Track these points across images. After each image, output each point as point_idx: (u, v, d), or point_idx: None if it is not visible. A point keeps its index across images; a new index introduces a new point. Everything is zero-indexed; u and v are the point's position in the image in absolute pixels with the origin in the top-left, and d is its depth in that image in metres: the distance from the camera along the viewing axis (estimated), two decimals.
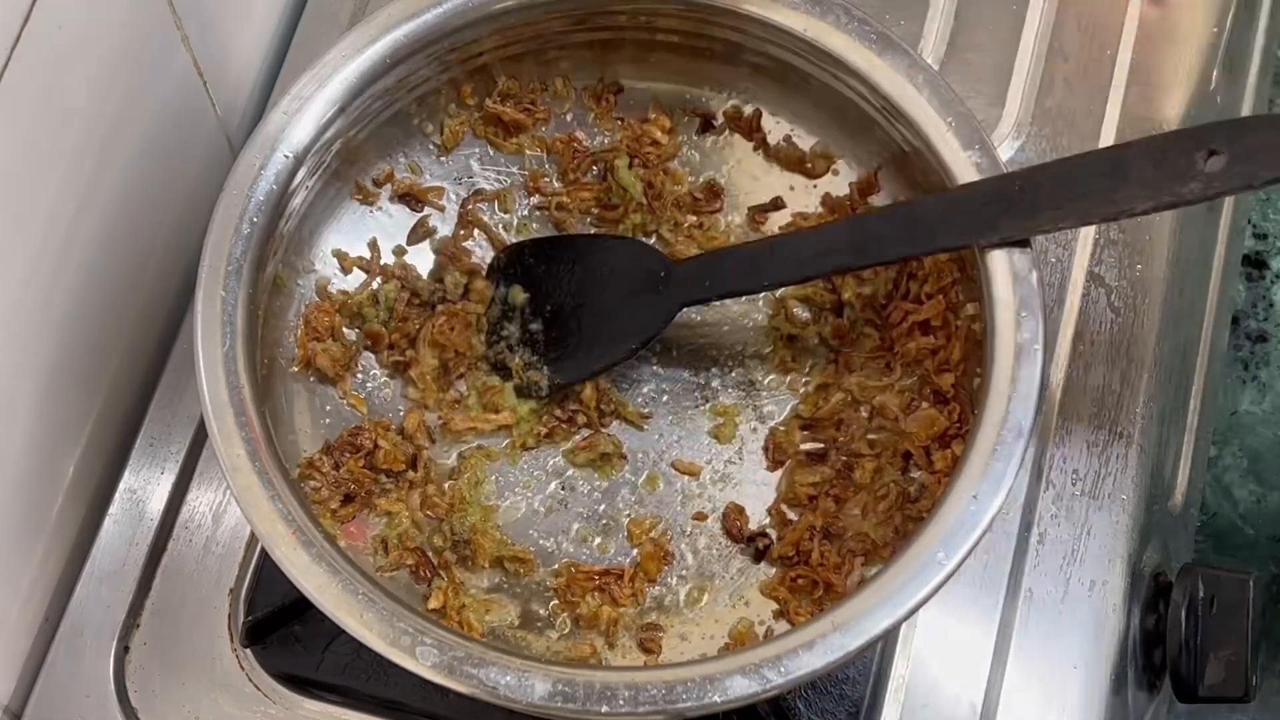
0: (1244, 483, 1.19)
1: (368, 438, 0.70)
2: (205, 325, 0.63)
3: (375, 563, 0.68)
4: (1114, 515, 0.74)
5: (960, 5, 0.84)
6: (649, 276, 0.71)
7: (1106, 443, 0.75)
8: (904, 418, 0.69)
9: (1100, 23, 0.83)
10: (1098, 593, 0.73)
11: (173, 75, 0.75)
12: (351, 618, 0.59)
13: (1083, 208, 0.61)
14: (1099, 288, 0.78)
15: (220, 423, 0.61)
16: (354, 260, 0.73)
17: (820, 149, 0.75)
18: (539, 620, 0.69)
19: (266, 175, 0.66)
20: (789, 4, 0.69)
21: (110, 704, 0.73)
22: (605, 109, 0.77)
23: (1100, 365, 0.77)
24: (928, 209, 0.65)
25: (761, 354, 0.74)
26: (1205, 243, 0.86)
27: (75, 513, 0.77)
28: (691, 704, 0.57)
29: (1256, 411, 1.21)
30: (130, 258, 0.77)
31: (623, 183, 0.75)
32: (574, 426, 0.73)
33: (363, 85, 0.68)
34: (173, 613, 0.74)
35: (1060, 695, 0.71)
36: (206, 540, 0.75)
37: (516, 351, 0.73)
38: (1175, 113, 0.82)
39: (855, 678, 0.70)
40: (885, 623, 0.58)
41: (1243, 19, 0.88)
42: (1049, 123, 0.81)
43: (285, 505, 0.60)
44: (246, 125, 0.84)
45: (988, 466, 0.60)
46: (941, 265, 0.69)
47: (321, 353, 0.71)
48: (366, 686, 0.71)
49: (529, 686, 0.57)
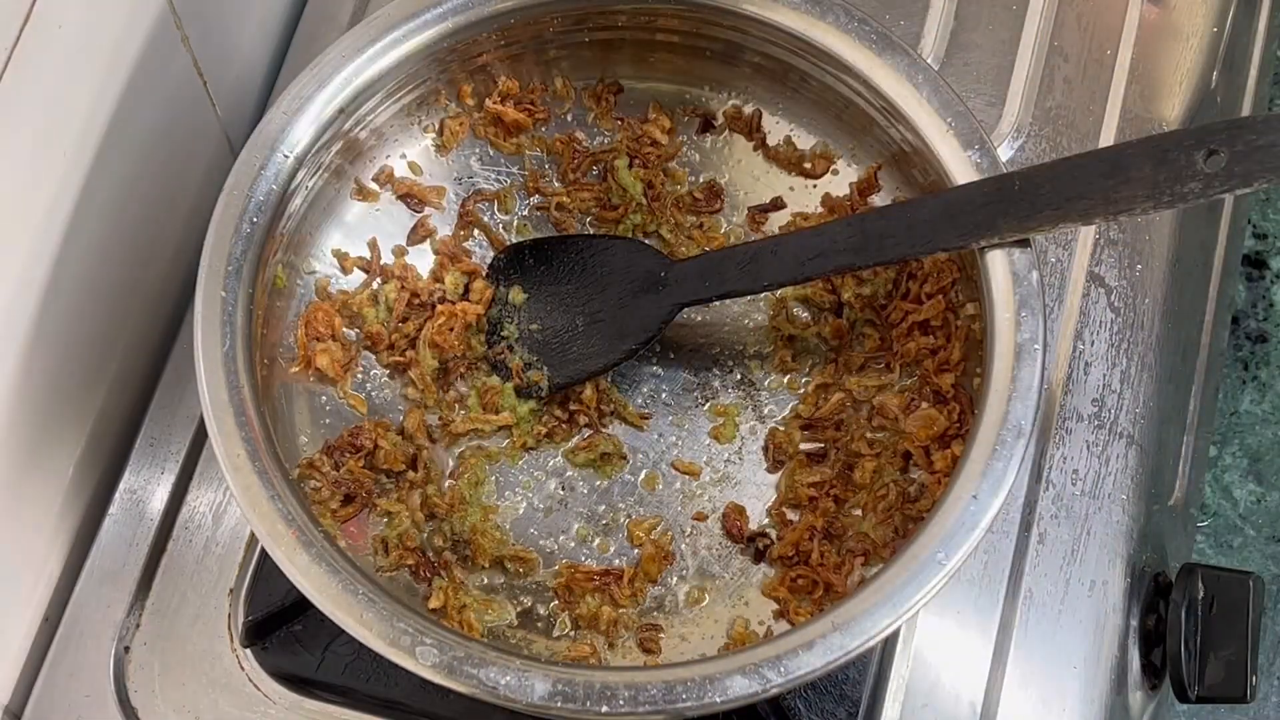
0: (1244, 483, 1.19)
1: (368, 438, 0.70)
2: (205, 325, 0.63)
3: (375, 563, 0.68)
4: (1114, 515, 0.74)
5: (960, 5, 0.84)
6: (649, 276, 0.71)
7: (1106, 443, 0.75)
8: (904, 418, 0.69)
9: (1100, 23, 0.84)
10: (1098, 593, 0.73)
11: (173, 75, 0.75)
12: (351, 618, 0.59)
13: (1083, 207, 0.61)
14: (1099, 288, 0.78)
15: (220, 423, 0.62)
16: (354, 260, 0.73)
17: (820, 149, 0.75)
18: (539, 620, 0.69)
19: (266, 175, 0.66)
20: (789, 4, 0.69)
21: (110, 704, 0.73)
22: (605, 109, 0.77)
23: (1100, 365, 0.77)
24: (927, 209, 0.65)
25: (761, 354, 0.74)
26: (1205, 243, 0.86)
27: (75, 513, 0.77)
28: (691, 704, 0.57)
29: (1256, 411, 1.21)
30: (130, 258, 0.77)
31: (623, 183, 0.75)
32: (574, 426, 0.73)
33: (363, 85, 0.68)
34: (173, 613, 0.74)
35: (1060, 695, 0.71)
36: (206, 540, 0.75)
37: (516, 352, 0.73)
38: (1175, 113, 0.82)
39: (855, 678, 0.70)
40: (885, 623, 0.58)
41: (1243, 19, 0.88)
42: (1049, 123, 0.81)
43: (285, 505, 0.60)
44: (246, 125, 0.84)
45: (988, 466, 0.60)
46: (941, 265, 0.69)
47: (321, 353, 0.71)
48: (366, 686, 0.71)
49: (529, 686, 0.57)
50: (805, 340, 0.73)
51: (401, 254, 0.75)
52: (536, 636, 0.68)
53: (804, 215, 0.75)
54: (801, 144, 0.75)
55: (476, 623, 0.67)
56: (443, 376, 0.73)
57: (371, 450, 0.70)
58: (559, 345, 0.73)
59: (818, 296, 0.73)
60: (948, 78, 0.69)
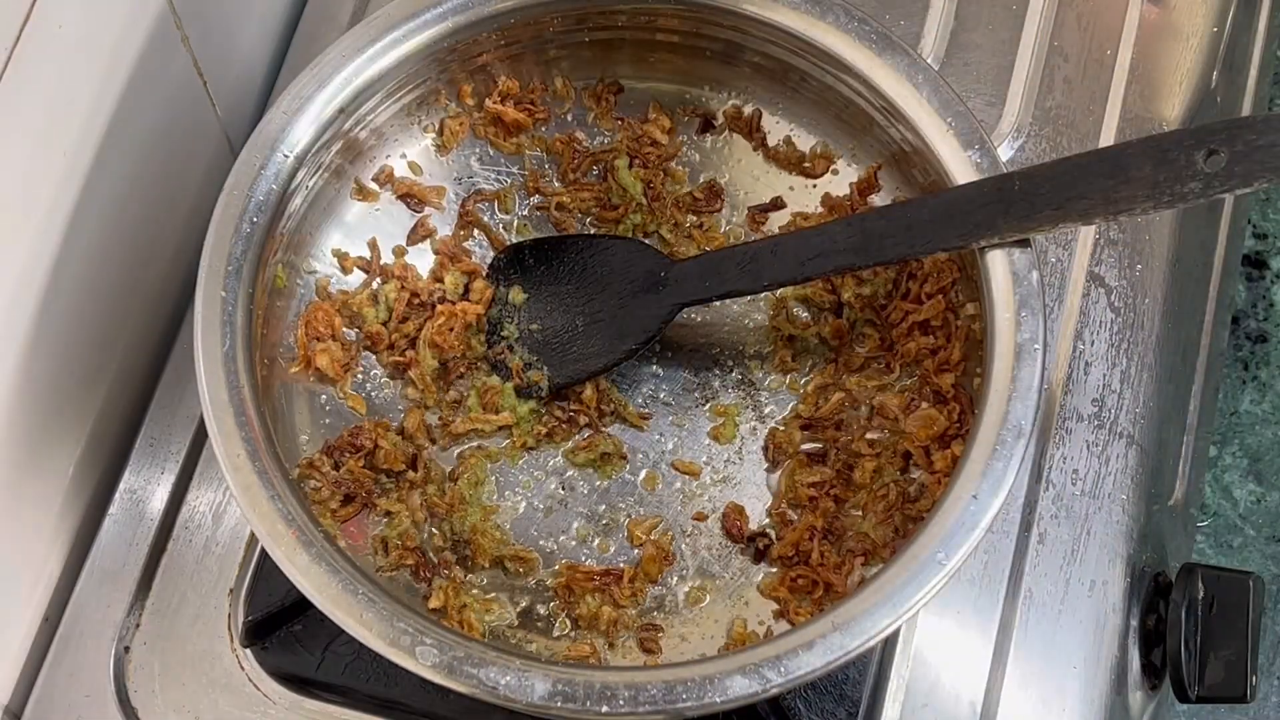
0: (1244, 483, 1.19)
1: (368, 438, 0.70)
2: (205, 325, 0.63)
3: (375, 563, 0.68)
4: (1114, 515, 0.74)
5: (960, 5, 0.84)
6: (649, 276, 0.71)
7: (1106, 443, 0.75)
8: (904, 418, 0.69)
9: (1100, 23, 0.84)
10: (1098, 593, 0.73)
11: (173, 75, 0.75)
12: (351, 618, 0.59)
13: (1083, 207, 0.61)
14: (1099, 288, 0.78)
15: (220, 423, 0.62)
16: (354, 260, 0.73)
17: (820, 149, 0.75)
18: (539, 620, 0.69)
19: (266, 175, 0.66)
20: (789, 4, 0.69)
21: (110, 704, 0.73)
22: (605, 109, 0.77)
23: (1100, 365, 0.77)
24: (928, 209, 0.65)
25: (761, 354, 0.74)
26: (1205, 243, 0.86)
27: (75, 513, 0.77)
28: (691, 704, 0.57)
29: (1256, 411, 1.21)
30: (130, 257, 0.77)
31: (623, 183, 0.75)
32: (574, 426, 0.73)
33: (363, 85, 0.68)
34: (173, 613, 0.74)
35: (1060, 695, 0.71)
36: (206, 540, 0.75)
37: (516, 352, 0.73)
38: (1175, 113, 0.82)
39: (855, 678, 0.70)
40: (885, 623, 0.58)
41: (1243, 19, 0.88)
42: (1049, 123, 0.81)
43: (285, 505, 0.60)
44: (246, 125, 0.84)
45: (988, 466, 0.60)
46: (941, 265, 0.69)
47: (321, 353, 0.71)
48: (366, 686, 0.71)
49: (529, 686, 0.57)
50: (805, 340, 0.73)
51: (401, 254, 0.75)
52: (536, 636, 0.68)
53: (804, 215, 0.75)
54: (801, 144, 0.75)
55: (477, 623, 0.67)
56: (443, 376, 0.73)
57: (371, 450, 0.70)
58: (559, 345, 0.73)
59: (818, 296, 0.73)
60: (948, 78, 0.69)
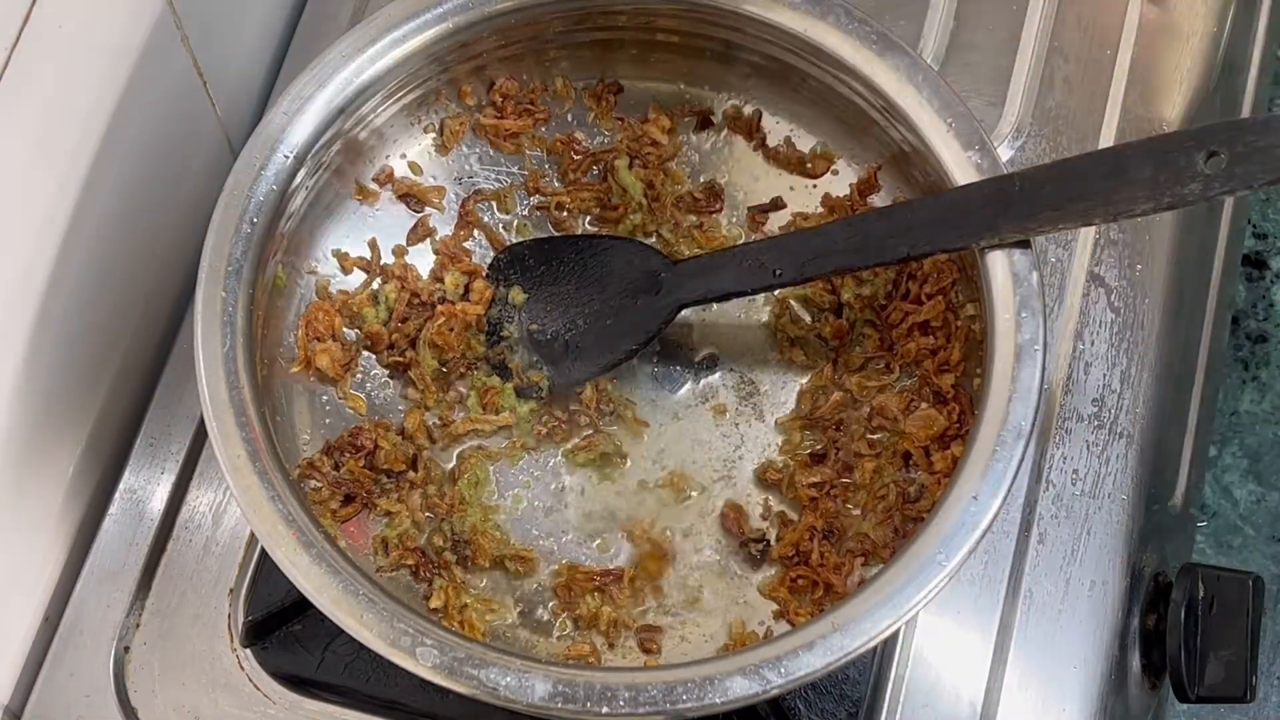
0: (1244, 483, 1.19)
1: (368, 438, 0.70)
2: (205, 325, 0.63)
3: (375, 563, 0.68)
4: (1114, 515, 0.74)
5: (960, 5, 0.84)
6: (649, 277, 0.71)
7: (1106, 443, 0.75)
8: (904, 418, 0.69)
9: (1100, 23, 0.83)
10: (1097, 593, 0.73)
11: (173, 75, 0.75)
12: (351, 618, 0.59)
13: (1083, 208, 0.61)
14: (1099, 288, 0.78)
15: (220, 423, 0.62)
16: (354, 260, 0.73)
17: (820, 149, 0.75)
18: (539, 620, 0.69)
19: (266, 175, 0.66)
20: (789, 4, 0.69)
21: (110, 704, 0.73)
22: (605, 109, 0.77)
23: (1100, 365, 0.77)
24: (928, 209, 0.65)
25: (762, 354, 0.74)
26: (1205, 243, 0.86)
27: (75, 513, 0.77)
28: (691, 704, 0.57)
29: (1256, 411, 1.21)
30: (130, 258, 0.77)
31: (623, 183, 0.75)
32: (574, 427, 0.73)
33: (363, 85, 0.68)
34: (173, 613, 0.74)
35: (1060, 695, 0.71)
36: (206, 540, 0.75)
37: (516, 352, 0.73)
38: (1175, 113, 0.82)
39: (855, 678, 0.70)
40: (885, 623, 0.58)
41: (1243, 19, 0.88)
42: (1049, 123, 0.81)
43: (285, 505, 0.60)
44: (246, 125, 0.84)
45: (988, 467, 0.60)
46: (941, 265, 0.69)
47: (321, 353, 0.71)
48: (366, 686, 0.71)
49: (529, 687, 0.57)
50: (805, 341, 0.73)
51: (401, 254, 0.75)
52: (536, 637, 0.68)
53: (804, 215, 0.75)
54: (801, 144, 0.75)
55: (477, 623, 0.67)
56: (443, 376, 0.73)
57: (371, 450, 0.70)
58: (559, 345, 0.73)
59: (818, 297, 0.73)
60: (948, 78, 0.69)
